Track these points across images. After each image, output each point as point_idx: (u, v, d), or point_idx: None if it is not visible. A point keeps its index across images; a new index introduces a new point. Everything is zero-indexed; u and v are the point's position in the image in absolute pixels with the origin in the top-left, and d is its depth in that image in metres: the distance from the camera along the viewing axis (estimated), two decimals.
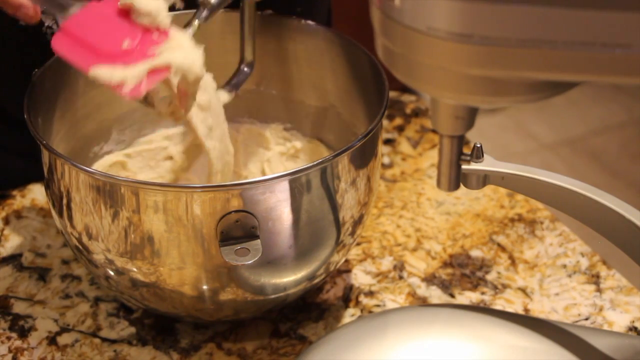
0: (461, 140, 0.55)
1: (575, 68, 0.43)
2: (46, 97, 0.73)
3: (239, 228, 0.64)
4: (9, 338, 0.75)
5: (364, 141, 0.67)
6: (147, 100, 0.70)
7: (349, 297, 0.79)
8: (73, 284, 0.80)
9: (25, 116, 0.68)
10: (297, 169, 0.64)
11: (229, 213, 0.63)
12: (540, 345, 0.66)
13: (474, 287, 0.79)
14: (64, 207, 0.68)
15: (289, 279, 0.70)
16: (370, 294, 0.79)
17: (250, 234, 0.64)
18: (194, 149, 0.86)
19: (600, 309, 0.77)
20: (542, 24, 0.41)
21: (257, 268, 0.67)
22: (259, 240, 0.64)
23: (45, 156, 0.69)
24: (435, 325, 0.68)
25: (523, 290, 0.79)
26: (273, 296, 0.71)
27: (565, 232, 0.86)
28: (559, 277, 0.81)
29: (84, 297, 0.78)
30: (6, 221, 0.87)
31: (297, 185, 0.65)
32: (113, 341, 0.74)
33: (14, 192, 0.90)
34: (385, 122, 1.00)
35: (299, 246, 0.67)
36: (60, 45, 0.67)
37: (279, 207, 0.64)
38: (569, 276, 0.81)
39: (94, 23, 0.68)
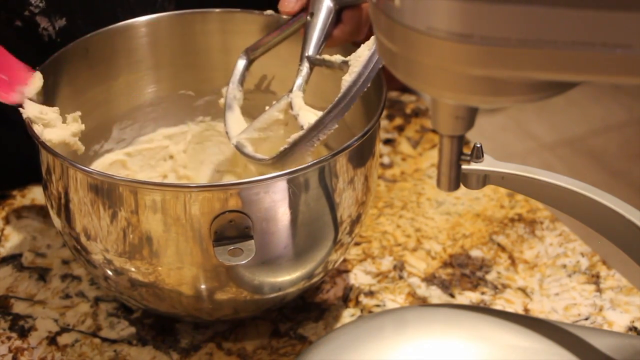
0: (461, 140, 0.55)
1: (575, 68, 0.43)
2: (46, 96, 0.73)
3: (233, 228, 0.64)
4: (9, 338, 0.75)
5: (362, 141, 0.67)
6: None
7: (348, 297, 0.79)
8: (73, 284, 0.80)
9: (24, 115, 0.68)
10: (294, 169, 0.64)
11: (223, 213, 0.63)
12: (540, 345, 0.66)
13: (474, 287, 0.79)
14: (62, 207, 0.68)
15: (286, 278, 0.70)
16: (370, 294, 0.79)
17: (244, 234, 0.64)
18: (194, 148, 0.86)
19: (600, 309, 0.77)
20: (542, 24, 0.41)
21: (253, 267, 0.67)
22: (252, 241, 0.64)
23: (43, 155, 0.69)
24: (435, 325, 0.68)
25: (523, 290, 0.79)
26: (272, 295, 0.71)
27: (565, 232, 0.85)
28: (559, 277, 0.81)
29: (84, 297, 0.78)
30: (6, 221, 0.87)
31: (294, 185, 0.65)
32: (113, 341, 0.74)
33: (14, 192, 0.90)
34: (385, 122, 1.00)
35: (296, 246, 0.67)
36: None
37: (273, 207, 0.64)
38: (569, 276, 0.81)
39: None
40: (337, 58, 0.72)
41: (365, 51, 0.68)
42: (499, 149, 2.31)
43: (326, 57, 0.73)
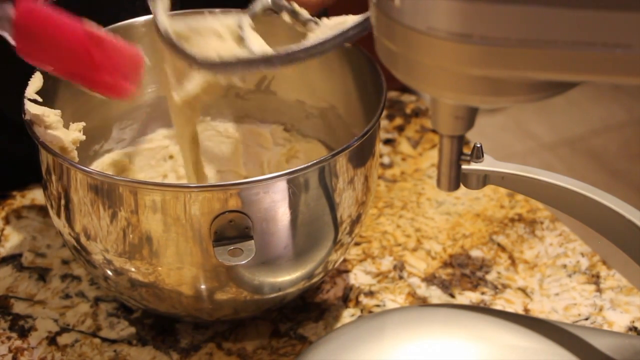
0: (461, 140, 0.55)
1: (575, 68, 0.43)
2: (45, 96, 0.73)
3: (233, 228, 0.64)
4: (9, 338, 0.75)
5: (362, 141, 0.67)
6: None
7: (348, 297, 0.79)
8: (73, 284, 0.80)
9: (23, 115, 0.68)
10: (294, 169, 0.64)
11: (223, 213, 0.63)
12: (540, 345, 0.66)
13: (474, 287, 0.79)
14: (62, 208, 0.68)
15: (286, 279, 0.70)
16: (370, 294, 0.79)
17: (244, 235, 0.64)
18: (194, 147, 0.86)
19: (600, 309, 0.77)
20: (542, 24, 0.41)
21: (253, 267, 0.67)
22: (252, 241, 0.64)
23: (43, 155, 0.69)
24: (435, 325, 0.68)
25: (523, 290, 0.79)
26: (272, 295, 0.71)
27: (565, 232, 0.85)
28: (559, 277, 0.81)
29: (84, 297, 0.78)
30: (6, 221, 0.87)
31: (294, 185, 0.65)
32: (113, 341, 0.74)
33: (14, 192, 0.90)
34: (385, 122, 1.00)
35: (295, 246, 0.67)
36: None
37: (273, 207, 0.64)
38: (569, 276, 0.81)
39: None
40: (306, 12, 0.71)
41: (348, 21, 0.68)
42: (499, 149, 2.31)
43: (295, 5, 0.72)
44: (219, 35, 0.72)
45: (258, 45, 0.69)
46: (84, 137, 0.73)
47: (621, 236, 0.63)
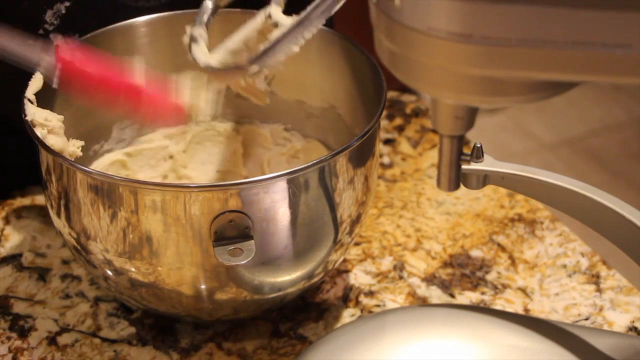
0: (461, 140, 0.55)
1: (575, 68, 0.43)
2: (46, 96, 0.73)
3: (233, 228, 0.64)
4: (9, 338, 0.75)
5: (362, 141, 0.67)
6: None
7: (348, 297, 0.79)
8: (73, 284, 0.80)
9: (24, 115, 0.68)
10: (294, 169, 0.64)
11: (223, 213, 0.63)
12: (540, 345, 0.66)
13: (474, 287, 0.79)
14: (62, 208, 0.68)
15: (286, 279, 0.70)
16: (370, 294, 0.79)
17: (244, 234, 0.64)
18: (195, 148, 0.86)
19: (600, 309, 0.77)
20: (542, 24, 0.41)
21: (253, 267, 0.67)
22: (252, 241, 0.64)
23: (43, 155, 0.69)
24: (435, 325, 0.68)
25: (523, 290, 0.79)
26: (272, 295, 0.71)
27: (565, 232, 0.85)
28: (559, 277, 0.81)
29: (84, 297, 0.79)
30: (6, 221, 0.87)
31: (294, 185, 0.65)
32: (113, 341, 0.74)
33: (14, 192, 0.90)
34: (385, 122, 1.00)
35: (295, 246, 0.67)
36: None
37: (273, 207, 0.64)
38: (569, 276, 0.81)
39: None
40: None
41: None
42: (499, 149, 2.31)
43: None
44: (261, 41, 0.68)
45: (289, 22, 0.64)
46: (81, 154, 0.73)
47: (621, 236, 0.63)
